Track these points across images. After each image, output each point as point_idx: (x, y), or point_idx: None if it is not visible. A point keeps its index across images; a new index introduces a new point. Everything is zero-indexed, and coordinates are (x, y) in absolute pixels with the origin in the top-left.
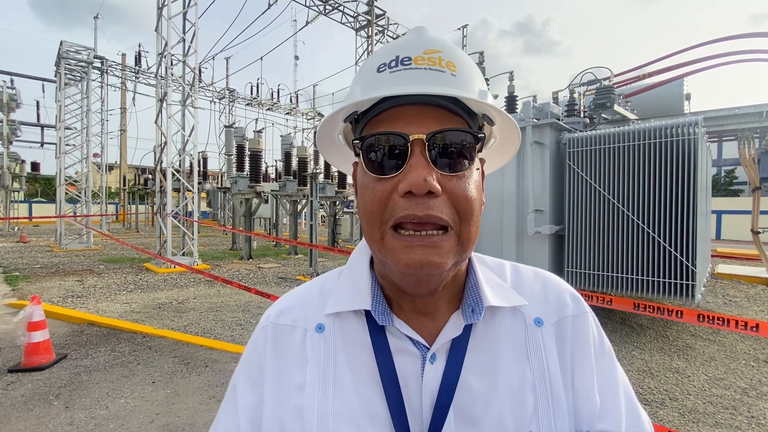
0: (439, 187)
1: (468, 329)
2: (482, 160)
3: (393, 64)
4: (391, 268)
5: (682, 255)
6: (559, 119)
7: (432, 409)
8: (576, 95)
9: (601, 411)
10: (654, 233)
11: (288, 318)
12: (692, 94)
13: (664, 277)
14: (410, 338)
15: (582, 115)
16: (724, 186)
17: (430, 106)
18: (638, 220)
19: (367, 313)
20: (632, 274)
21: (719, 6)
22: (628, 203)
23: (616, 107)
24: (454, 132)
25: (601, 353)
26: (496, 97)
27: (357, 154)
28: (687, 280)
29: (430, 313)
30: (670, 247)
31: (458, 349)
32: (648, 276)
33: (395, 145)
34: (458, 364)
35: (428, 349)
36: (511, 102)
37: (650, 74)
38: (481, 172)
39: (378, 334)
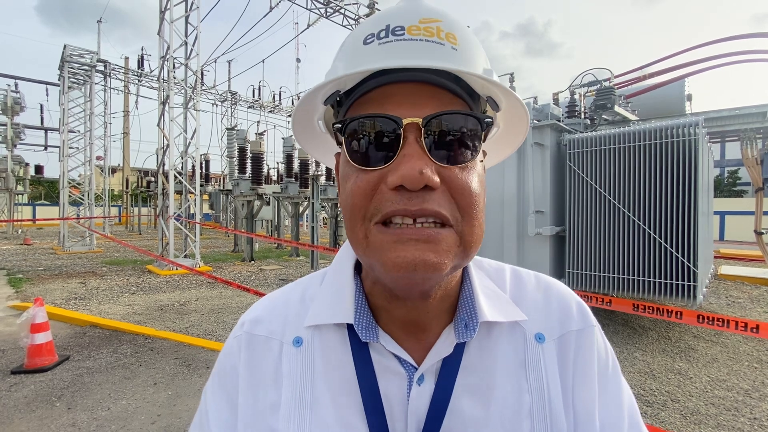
0: (437, 179)
1: (461, 347)
2: (484, 152)
3: (383, 34)
4: (379, 271)
5: (683, 256)
6: (559, 120)
7: None
8: (576, 96)
9: None
10: (655, 234)
11: (263, 328)
12: (694, 94)
13: (666, 279)
14: (396, 356)
15: (583, 116)
16: (727, 187)
17: (426, 85)
18: (639, 221)
19: (350, 327)
20: (633, 276)
21: (721, 6)
22: (628, 204)
23: (616, 108)
24: (456, 116)
25: (605, 371)
26: None
27: (339, 143)
28: (688, 281)
29: (420, 327)
30: (672, 248)
31: (449, 369)
32: (649, 277)
33: (385, 130)
34: (449, 387)
35: (416, 368)
36: None
37: (651, 75)
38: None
39: (361, 351)
